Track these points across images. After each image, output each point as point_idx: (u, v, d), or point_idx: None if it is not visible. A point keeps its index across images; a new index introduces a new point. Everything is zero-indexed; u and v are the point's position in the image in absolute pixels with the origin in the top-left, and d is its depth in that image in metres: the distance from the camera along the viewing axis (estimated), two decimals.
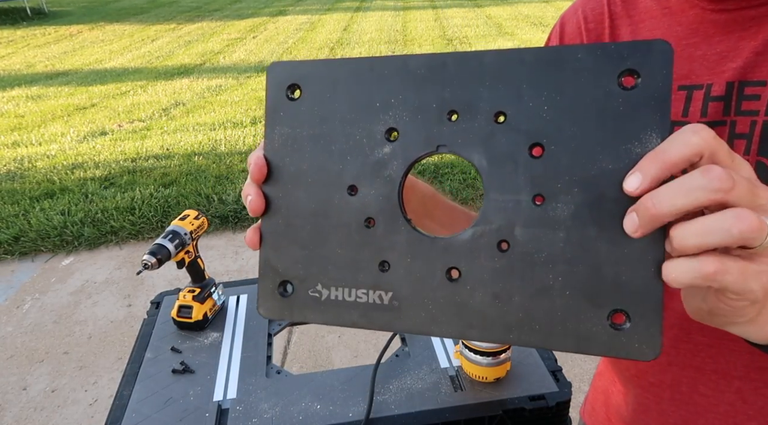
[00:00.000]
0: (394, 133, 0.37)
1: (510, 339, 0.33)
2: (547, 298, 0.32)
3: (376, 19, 9.90)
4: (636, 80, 0.31)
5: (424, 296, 0.35)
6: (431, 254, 0.35)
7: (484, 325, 0.34)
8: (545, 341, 0.32)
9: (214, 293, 1.14)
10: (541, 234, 0.33)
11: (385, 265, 0.36)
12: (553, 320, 0.32)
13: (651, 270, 0.31)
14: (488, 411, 0.87)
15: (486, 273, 0.34)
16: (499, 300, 0.33)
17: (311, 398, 0.91)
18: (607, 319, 0.31)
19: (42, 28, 10.22)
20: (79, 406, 2.03)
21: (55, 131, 4.82)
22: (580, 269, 0.32)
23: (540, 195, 0.33)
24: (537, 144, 0.33)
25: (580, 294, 0.32)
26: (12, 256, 3.03)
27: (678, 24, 0.50)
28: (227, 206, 3.28)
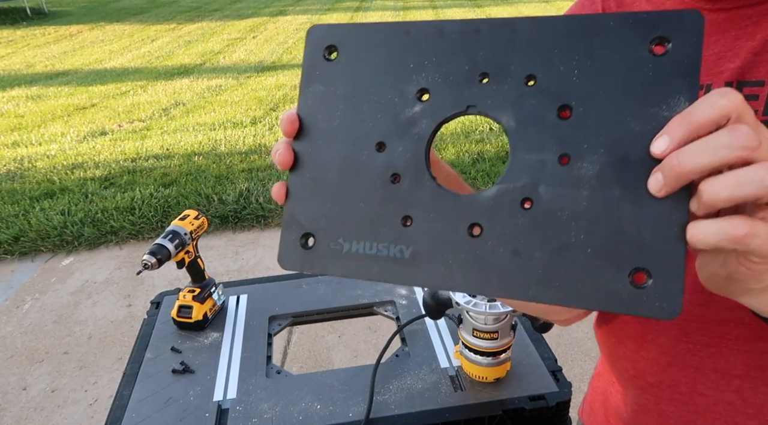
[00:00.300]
0: (425, 94, 0.37)
1: (529, 295, 0.33)
2: (568, 255, 0.32)
3: (376, 19, 9.90)
4: (666, 47, 0.32)
5: (445, 251, 0.35)
6: (454, 210, 0.36)
7: (504, 281, 0.34)
8: (566, 298, 0.32)
9: (214, 293, 1.14)
10: (565, 193, 0.33)
11: (407, 220, 0.37)
12: (573, 277, 0.32)
13: (674, 230, 0.30)
14: (488, 411, 0.87)
15: (508, 230, 0.34)
16: (520, 257, 0.33)
17: (311, 398, 0.91)
18: (628, 277, 0.31)
19: (42, 28, 10.22)
20: (79, 406, 2.03)
21: (55, 131, 4.82)
22: (603, 229, 0.32)
23: (566, 155, 0.33)
24: (566, 106, 0.34)
25: (602, 253, 0.32)
26: (12, 256, 3.03)
27: None
28: (227, 206, 3.28)
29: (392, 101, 0.38)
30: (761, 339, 0.50)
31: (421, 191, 0.37)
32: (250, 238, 3.10)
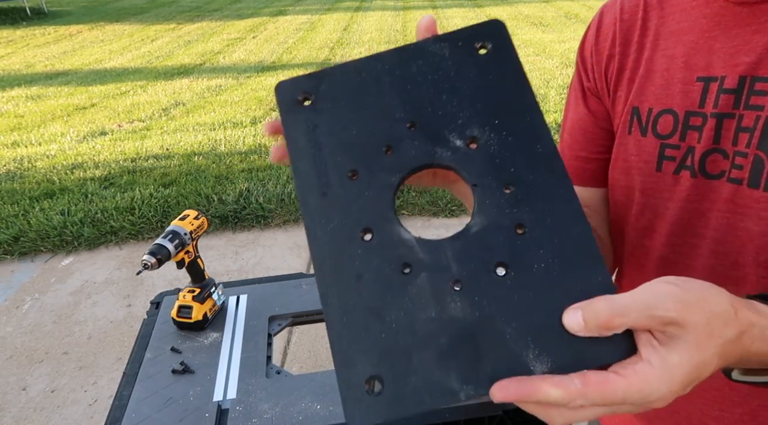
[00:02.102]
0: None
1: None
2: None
3: (376, 19, 9.90)
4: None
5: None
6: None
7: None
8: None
9: (214, 293, 1.14)
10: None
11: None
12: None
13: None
14: (488, 411, 0.87)
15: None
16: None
17: (311, 398, 0.91)
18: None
19: (42, 28, 10.22)
20: (78, 406, 2.03)
21: (55, 131, 4.82)
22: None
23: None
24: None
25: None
26: (12, 256, 3.03)
27: (703, 16, 0.51)
28: (227, 206, 3.27)
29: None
30: None
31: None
32: (250, 238, 3.10)
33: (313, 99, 0.42)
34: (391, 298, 0.35)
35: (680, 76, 0.52)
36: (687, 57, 0.52)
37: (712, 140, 0.50)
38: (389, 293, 0.35)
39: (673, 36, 0.54)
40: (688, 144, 0.51)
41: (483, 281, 0.35)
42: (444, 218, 3.16)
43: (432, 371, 0.34)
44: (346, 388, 0.34)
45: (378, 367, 0.34)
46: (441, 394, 0.34)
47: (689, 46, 0.52)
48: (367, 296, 0.35)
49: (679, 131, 0.52)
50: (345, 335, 0.35)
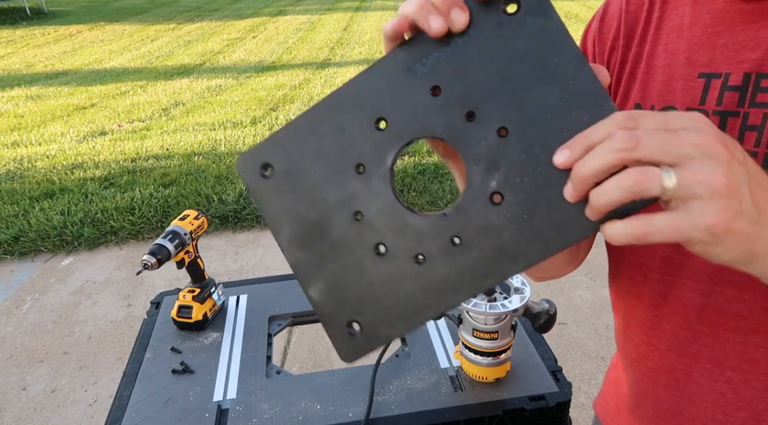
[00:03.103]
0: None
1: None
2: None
3: (376, 19, 9.90)
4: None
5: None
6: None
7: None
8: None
9: (214, 293, 1.14)
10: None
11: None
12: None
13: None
14: (488, 411, 0.87)
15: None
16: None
17: (311, 398, 0.91)
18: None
19: (41, 28, 10.22)
20: (78, 406, 2.03)
21: (55, 131, 4.82)
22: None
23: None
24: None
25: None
26: (12, 256, 3.03)
27: (707, 12, 0.50)
28: (227, 206, 3.28)
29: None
30: (756, 333, 0.51)
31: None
32: (250, 238, 3.10)
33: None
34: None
35: (682, 72, 0.51)
36: (689, 53, 0.51)
37: None
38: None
39: (675, 31, 0.53)
40: None
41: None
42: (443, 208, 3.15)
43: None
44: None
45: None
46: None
47: (692, 41, 0.51)
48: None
49: None
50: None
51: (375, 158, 0.40)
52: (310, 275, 0.43)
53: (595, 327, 2.29)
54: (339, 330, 0.42)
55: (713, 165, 0.32)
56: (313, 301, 0.43)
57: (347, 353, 0.42)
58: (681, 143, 0.32)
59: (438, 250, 0.39)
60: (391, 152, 0.40)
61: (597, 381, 2.03)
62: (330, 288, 0.42)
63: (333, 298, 0.42)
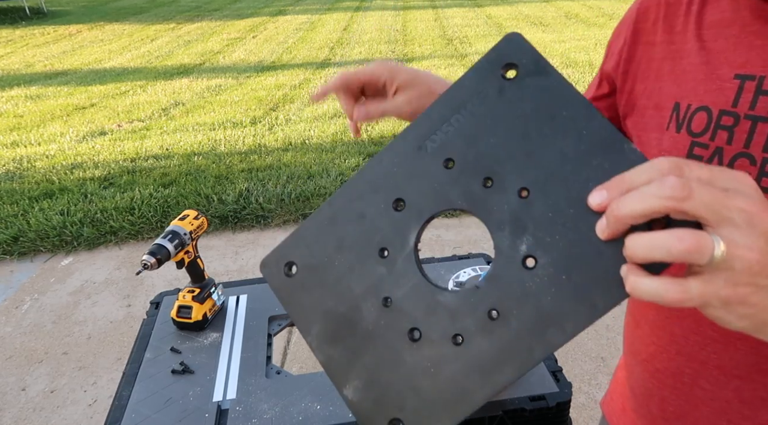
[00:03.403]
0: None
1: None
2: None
3: (376, 19, 9.90)
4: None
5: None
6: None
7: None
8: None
9: (214, 293, 1.14)
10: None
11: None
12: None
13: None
14: (488, 411, 0.87)
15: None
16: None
17: (311, 398, 0.91)
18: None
19: (41, 28, 10.21)
20: (78, 406, 2.02)
21: (54, 130, 4.81)
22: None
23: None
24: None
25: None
26: (11, 256, 3.02)
27: (747, 7, 0.49)
28: (227, 206, 3.27)
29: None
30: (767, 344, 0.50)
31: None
32: (249, 238, 3.10)
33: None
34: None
35: (719, 72, 0.49)
36: (727, 52, 0.49)
37: (743, 144, 0.47)
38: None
39: (715, 27, 0.51)
40: (716, 144, 0.49)
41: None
42: (444, 218, 3.16)
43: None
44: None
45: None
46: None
47: (731, 40, 0.49)
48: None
49: (711, 130, 0.49)
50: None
51: (398, 240, 0.40)
52: (344, 372, 0.41)
53: (595, 326, 2.29)
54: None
55: (754, 238, 0.30)
56: (349, 402, 0.41)
57: None
58: (730, 205, 0.30)
59: (476, 327, 0.37)
60: (413, 231, 0.40)
61: (597, 381, 2.03)
62: (366, 384, 0.40)
63: (371, 395, 0.40)
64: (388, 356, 0.39)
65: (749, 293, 0.31)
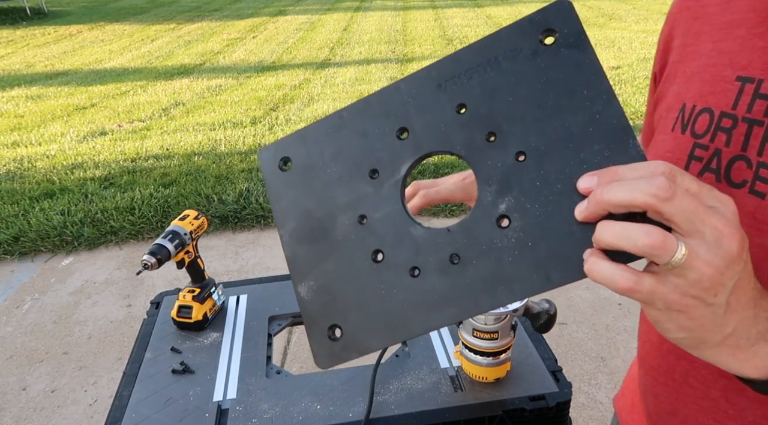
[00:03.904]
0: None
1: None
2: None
3: (376, 19, 9.90)
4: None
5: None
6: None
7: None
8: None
9: (214, 293, 1.14)
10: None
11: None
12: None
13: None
14: (488, 411, 0.87)
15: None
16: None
17: (311, 398, 0.91)
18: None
19: (41, 28, 10.22)
20: (78, 406, 2.03)
21: (55, 131, 4.82)
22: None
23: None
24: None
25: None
26: (11, 256, 3.02)
27: (753, 9, 0.49)
28: (227, 206, 3.27)
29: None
30: None
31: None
32: (250, 238, 3.10)
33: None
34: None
35: (724, 73, 0.49)
36: (733, 53, 0.49)
37: (740, 146, 0.47)
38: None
39: (726, 27, 0.51)
40: (715, 146, 0.49)
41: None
42: (444, 218, 3.16)
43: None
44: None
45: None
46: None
47: (737, 41, 0.49)
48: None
49: (711, 131, 0.49)
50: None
51: (390, 166, 0.41)
52: (304, 271, 0.43)
53: (595, 327, 2.29)
54: (320, 332, 0.42)
55: (715, 256, 0.32)
56: (300, 299, 0.43)
57: (324, 358, 0.42)
58: (705, 219, 0.31)
59: (435, 265, 0.39)
60: (407, 162, 0.41)
61: (597, 381, 2.03)
62: (320, 288, 0.42)
63: (321, 298, 0.42)
64: (348, 269, 0.41)
65: (693, 305, 0.33)
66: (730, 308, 0.34)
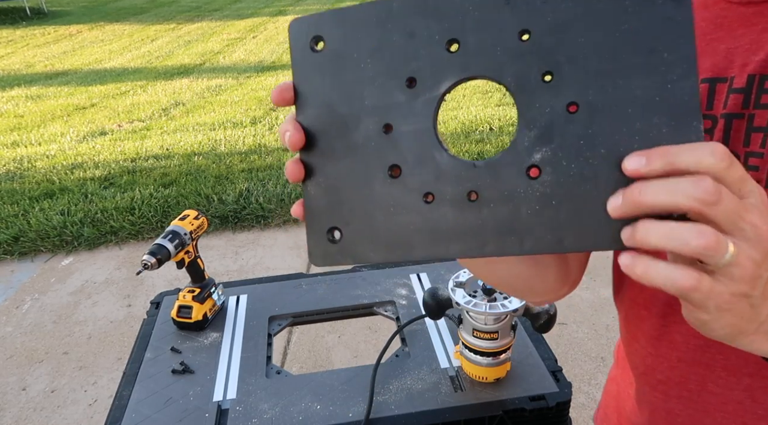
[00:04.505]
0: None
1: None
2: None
3: None
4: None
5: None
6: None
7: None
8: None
9: (214, 293, 1.14)
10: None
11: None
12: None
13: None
14: (488, 411, 0.87)
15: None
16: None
17: (311, 398, 0.91)
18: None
19: (41, 28, 10.22)
20: (78, 406, 2.03)
21: (55, 131, 4.82)
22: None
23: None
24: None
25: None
26: (11, 256, 3.02)
27: (702, 20, 0.50)
28: (227, 206, 3.27)
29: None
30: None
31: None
32: (250, 238, 3.10)
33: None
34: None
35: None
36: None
37: (722, 142, 0.48)
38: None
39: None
40: None
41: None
42: None
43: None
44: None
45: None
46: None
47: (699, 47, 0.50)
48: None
49: None
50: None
51: (431, 79, 0.37)
52: (315, 165, 0.40)
53: (595, 327, 2.29)
54: (319, 231, 0.40)
55: (757, 252, 0.32)
56: (306, 192, 0.40)
57: (318, 256, 0.40)
58: (746, 217, 0.31)
59: (451, 196, 0.36)
60: (450, 79, 0.36)
61: (597, 381, 2.03)
62: (328, 187, 0.39)
63: (327, 197, 0.40)
64: (360, 176, 0.39)
65: (739, 301, 0.33)
66: (762, 297, 0.34)
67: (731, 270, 0.31)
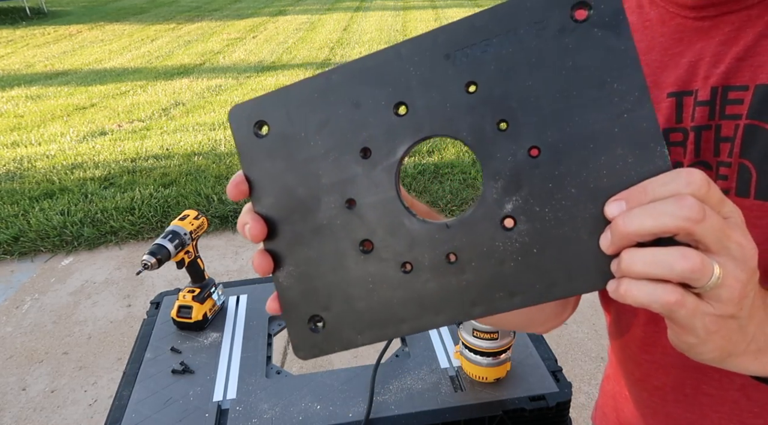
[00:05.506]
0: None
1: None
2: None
3: (376, 19, 9.90)
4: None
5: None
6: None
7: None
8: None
9: (214, 293, 1.14)
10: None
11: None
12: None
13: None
14: (488, 411, 0.87)
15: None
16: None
17: (311, 398, 0.91)
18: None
19: (41, 28, 10.21)
20: (78, 406, 2.03)
21: (55, 131, 4.82)
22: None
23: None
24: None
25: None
26: (11, 256, 3.02)
27: (661, 35, 0.51)
28: (227, 206, 3.28)
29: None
30: None
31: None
32: None
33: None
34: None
35: (653, 94, 0.51)
36: (654, 76, 0.51)
37: (693, 154, 0.49)
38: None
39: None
40: (675, 159, 0.51)
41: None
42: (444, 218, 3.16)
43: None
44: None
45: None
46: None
47: (654, 65, 0.51)
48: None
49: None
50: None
51: (385, 146, 0.35)
52: (283, 255, 0.38)
53: (595, 327, 2.29)
54: (300, 322, 0.38)
55: (743, 271, 0.31)
56: (278, 285, 0.39)
57: (305, 349, 0.39)
58: (731, 236, 0.31)
59: (429, 263, 0.35)
60: (404, 144, 0.35)
61: (597, 381, 2.03)
62: (301, 274, 0.38)
63: (301, 285, 0.38)
64: (332, 257, 0.37)
65: (727, 323, 0.33)
66: (749, 316, 0.34)
67: (718, 292, 0.31)
